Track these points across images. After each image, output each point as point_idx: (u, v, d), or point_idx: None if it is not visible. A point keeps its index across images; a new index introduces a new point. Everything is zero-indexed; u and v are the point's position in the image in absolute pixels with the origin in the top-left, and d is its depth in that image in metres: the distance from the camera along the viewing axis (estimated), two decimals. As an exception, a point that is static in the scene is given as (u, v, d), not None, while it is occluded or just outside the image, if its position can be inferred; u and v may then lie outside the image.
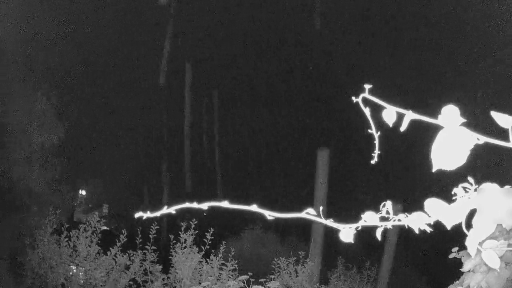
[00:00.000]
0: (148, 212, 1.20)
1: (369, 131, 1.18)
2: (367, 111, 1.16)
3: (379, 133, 1.19)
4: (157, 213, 1.20)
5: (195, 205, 1.19)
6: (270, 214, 1.21)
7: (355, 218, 1.23)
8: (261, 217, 1.22)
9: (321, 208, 1.20)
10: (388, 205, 1.21)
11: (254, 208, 1.19)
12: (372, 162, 1.21)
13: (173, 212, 1.20)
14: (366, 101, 1.18)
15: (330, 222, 1.20)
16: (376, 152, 1.21)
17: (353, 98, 1.18)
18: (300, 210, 1.20)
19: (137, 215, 1.21)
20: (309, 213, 1.20)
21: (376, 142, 1.20)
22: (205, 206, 1.19)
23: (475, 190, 1.19)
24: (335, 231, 1.25)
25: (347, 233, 1.23)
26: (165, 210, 1.20)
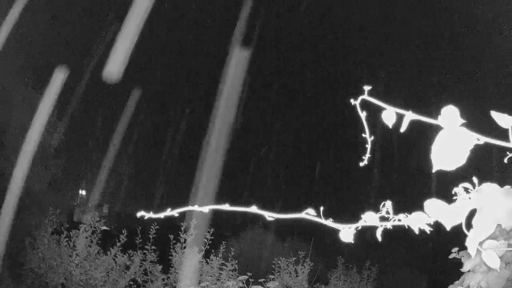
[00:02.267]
0: (151, 212, 1.21)
1: (363, 135, 1.20)
2: (363, 114, 1.18)
3: (372, 137, 1.21)
4: (160, 215, 1.20)
5: (196, 208, 1.20)
6: (269, 215, 1.21)
7: (355, 218, 1.23)
8: (262, 217, 1.23)
9: (321, 208, 1.20)
10: (388, 205, 1.21)
11: (254, 209, 1.20)
12: (361, 164, 1.23)
13: (176, 215, 1.20)
14: (365, 102, 1.18)
15: (329, 222, 1.21)
16: (367, 155, 1.23)
17: (352, 100, 1.19)
18: (299, 210, 1.20)
19: (139, 214, 1.21)
20: (308, 214, 1.20)
21: (368, 146, 1.21)
22: (206, 209, 1.20)
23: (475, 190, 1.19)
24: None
25: (347, 233, 1.23)
26: (168, 212, 1.21)
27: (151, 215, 1.20)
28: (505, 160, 1.17)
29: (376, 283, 9.94)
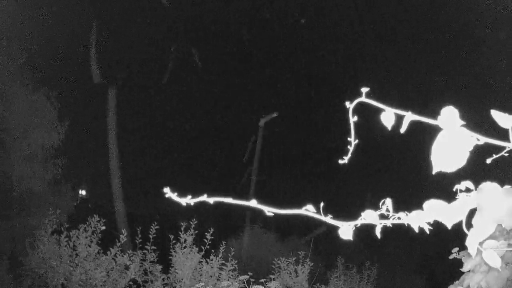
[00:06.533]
0: (176, 194, 1.24)
1: (349, 139, 1.24)
2: (353, 119, 1.21)
3: (356, 141, 1.27)
4: (182, 200, 1.24)
5: (204, 198, 1.24)
6: (269, 210, 1.22)
7: (355, 215, 1.24)
8: (262, 216, 1.25)
9: (321, 204, 1.21)
10: (388, 202, 1.21)
11: (253, 204, 1.21)
12: (341, 162, 1.29)
13: (192, 204, 1.25)
14: (363, 104, 1.19)
15: (329, 219, 1.21)
16: (349, 155, 1.28)
17: (347, 103, 1.20)
18: (299, 207, 1.21)
19: (165, 189, 1.25)
20: (308, 210, 1.21)
21: (351, 148, 1.25)
22: (211, 200, 1.24)
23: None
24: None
25: (346, 230, 1.23)
26: (188, 199, 1.25)
27: (175, 196, 1.24)
28: (488, 161, 1.18)
29: (376, 283, 9.94)
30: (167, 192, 1.24)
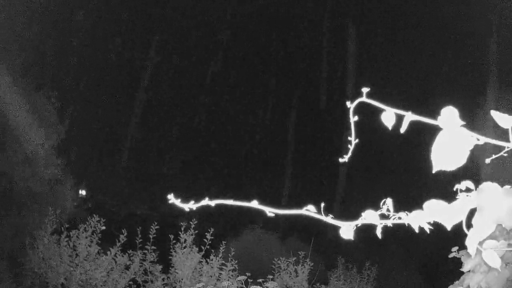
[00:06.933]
0: (179, 199, 1.25)
1: (349, 138, 1.25)
2: (354, 119, 1.22)
3: (357, 140, 1.27)
4: (185, 206, 1.25)
5: (206, 201, 1.24)
6: (270, 211, 1.23)
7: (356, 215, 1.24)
8: (262, 217, 1.26)
9: (322, 204, 1.21)
10: (389, 202, 1.21)
11: (254, 204, 1.21)
12: (341, 160, 1.30)
13: (194, 208, 1.27)
14: (363, 104, 1.20)
15: (330, 219, 1.21)
16: (349, 154, 1.29)
17: (348, 103, 1.20)
18: (300, 207, 1.21)
19: (169, 196, 1.26)
20: (309, 210, 1.21)
21: (351, 147, 1.26)
22: (212, 203, 1.24)
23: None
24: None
25: (347, 230, 1.23)
26: (191, 204, 1.26)
27: (179, 202, 1.24)
28: (487, 161, 1.18)
29: (376, 283, 9.93)
30: (171, 198, 1.24)
